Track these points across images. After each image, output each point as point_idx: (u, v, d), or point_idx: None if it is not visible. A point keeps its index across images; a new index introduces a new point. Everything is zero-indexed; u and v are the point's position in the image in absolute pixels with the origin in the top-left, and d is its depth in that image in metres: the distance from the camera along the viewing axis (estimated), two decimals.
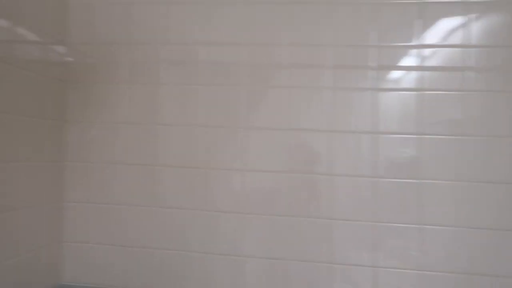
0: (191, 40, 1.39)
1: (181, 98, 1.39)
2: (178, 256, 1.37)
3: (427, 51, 1.28)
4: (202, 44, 1.38)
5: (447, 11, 1.28)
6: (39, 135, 1.28)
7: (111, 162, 1.41)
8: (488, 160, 1.24)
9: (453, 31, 1.28)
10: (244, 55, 1.36)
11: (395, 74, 1.30)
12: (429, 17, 1.28)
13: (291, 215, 1.33)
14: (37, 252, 1.29)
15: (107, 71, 1.42)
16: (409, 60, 1.29)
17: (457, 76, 1.27)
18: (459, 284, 1.24)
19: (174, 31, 1.40)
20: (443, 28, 1.28)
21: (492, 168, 1.24)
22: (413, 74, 1.29)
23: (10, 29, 1.15)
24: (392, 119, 1.29)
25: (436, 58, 1.28)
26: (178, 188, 1.38)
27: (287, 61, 1.34)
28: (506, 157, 1.24)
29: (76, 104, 1.43)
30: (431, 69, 1.28)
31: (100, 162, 1.41)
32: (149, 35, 1.41)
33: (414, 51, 1.29)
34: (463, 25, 1.27)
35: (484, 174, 1.24)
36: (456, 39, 1.27)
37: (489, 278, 1.23)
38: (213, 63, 1.37)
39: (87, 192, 1.42)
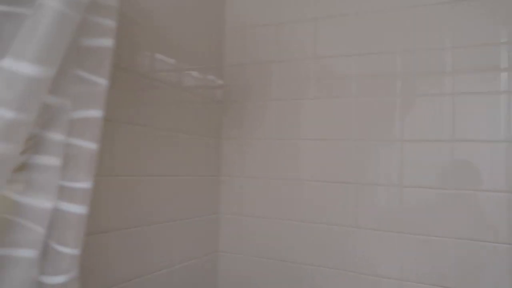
0: (340, 53, 1.35)
1: (331, 112, 1.36)
2: (328, 273, 1.33)
3: None
4: (352, 56, 1.33)
5: None
6: (199, 151, 1.40)
7: (262, 177, 1.45)
8: None
9: None
10: (398, 63, 1.27)
11: None
12: None
13: (450, 236, 1.18)
14: (198, 260, 1.39)
15: (258, 90, 1.48)
16: None
17: None
18: None
19: (322, 45, 1.38)
20: None
21: None
22: None
23: (177, 64, 1.28)
24: None
25: None
26: (329, 204, 1.34)
27: (450, 66, 1.20)
28: None
29: (231, 122, 1.52)
30: None
31: (252, 176, 1.47)
32: (298, 52, 1.42)
33: None
34: None
35: None
36: None
37: None
38: (364, 75, 1.31)
39: (241, 205, 1.49)
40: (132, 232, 1.08)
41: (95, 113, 0.74)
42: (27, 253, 0.68)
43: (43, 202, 0.70)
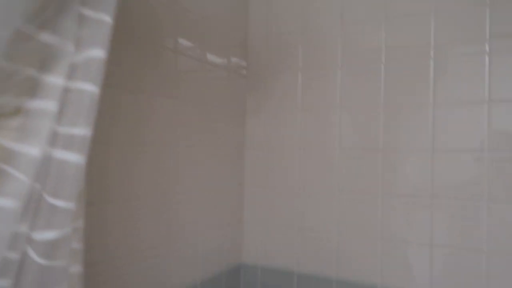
0: (368, 19, 1.29)
1: (360, 80, 1.30)
2: (354, 242, 1.29)
3: None
4: (381, 21, 1.27)
5: None
6: (223, 124, 1.40)
7: (287, 149, 1.43)
8: None
9: None
10: (430, 26, 1.20)
11: None
12: None
13: (485, 200, 1.11)
14: (222, 231, 1.38)
15: (284, 62, 1.45)
16: None
17: None
18: None
19: (349, 13, 1.32)
20: None
21: None
22: None
23: (201, 38, 1.28)
24: None
25: None
26: (355, 172, 1.30)
27: (487, 26, 1.12)
28: None
29: (256, 95, 1.50)
30: None
31: (277, 148, 1.45)
32: (325, 20, 1.37)
33: None
34: None
35: None
36: None
37: None
38: (394, 40, 1.25)
39: (265, 177, 1.46)
40: (154, 202, 1.07)
41: (98, 53, 0.67)
42: (9, 203, 0.60)
43: (33, 149, 0.63)
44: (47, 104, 0.65)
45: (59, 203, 0.63)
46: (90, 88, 0.66)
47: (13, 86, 0.64)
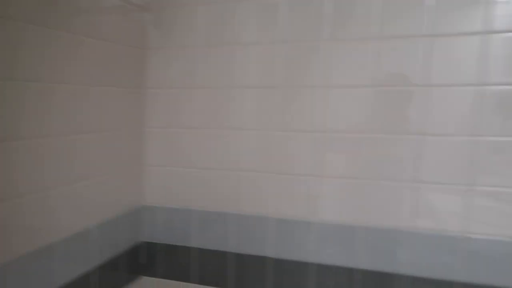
0: None
1: (260, 15, 1.26)
2: (254, 177, 1.33)
3: None
4: None
5: None
6: (120, 61, 1.29)
7: (190, 87, 1.37)
8: None
9: None
10: None
11: None
12: None
13: (382, 132, 1.19)
14: (121, 174, 1.34)
15: None
16: None
17: None
18: None
19: None
20: None
21: None
22: None
23: None
24: None
25: None
26: (254, 109, 1.30)
27: None
28: None
29: (157, 30, 1.39)
30: None
31: (179, 87, 1.39)
32: None
33: None
34: None
35: None
36: None
37: None
38: None
39: (167, 117, 1.41)
40: (42, 142, 0.99)
41: None
42: None
43: None
44: None
45: None
46: None
47: None
